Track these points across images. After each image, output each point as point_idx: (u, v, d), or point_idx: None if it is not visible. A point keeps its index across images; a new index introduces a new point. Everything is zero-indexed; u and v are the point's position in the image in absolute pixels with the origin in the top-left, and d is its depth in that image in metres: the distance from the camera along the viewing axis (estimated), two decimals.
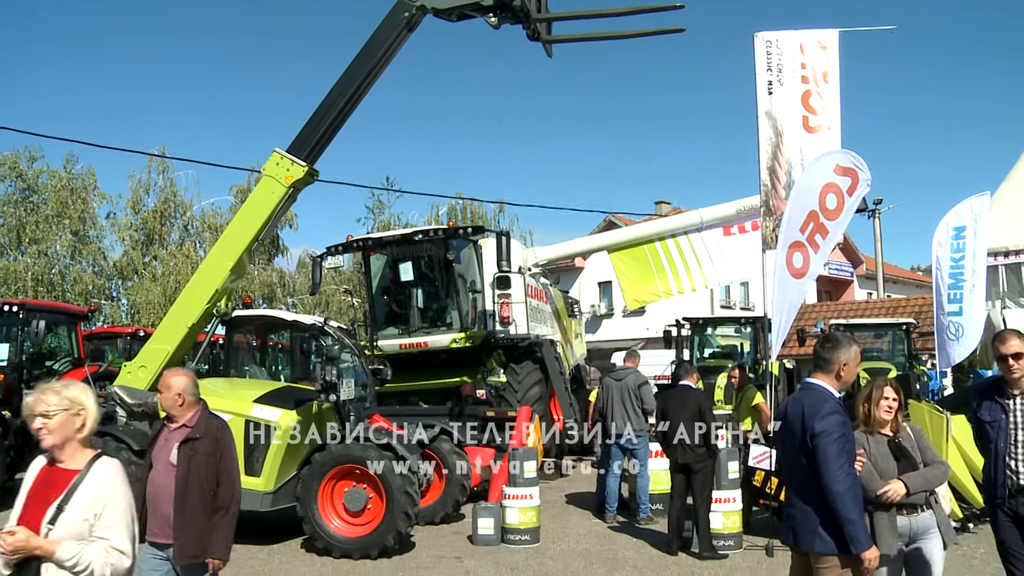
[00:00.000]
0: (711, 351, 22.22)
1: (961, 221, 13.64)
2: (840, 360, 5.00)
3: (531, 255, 18.90)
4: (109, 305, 35.13)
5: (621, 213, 37.61)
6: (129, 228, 35.33)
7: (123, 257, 35.12)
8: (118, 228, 35.65)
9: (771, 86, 11.58)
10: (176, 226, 36.28)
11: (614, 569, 9.08)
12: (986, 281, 13.89)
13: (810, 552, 4.85)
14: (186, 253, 34.03)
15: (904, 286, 50.10)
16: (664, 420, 9.98)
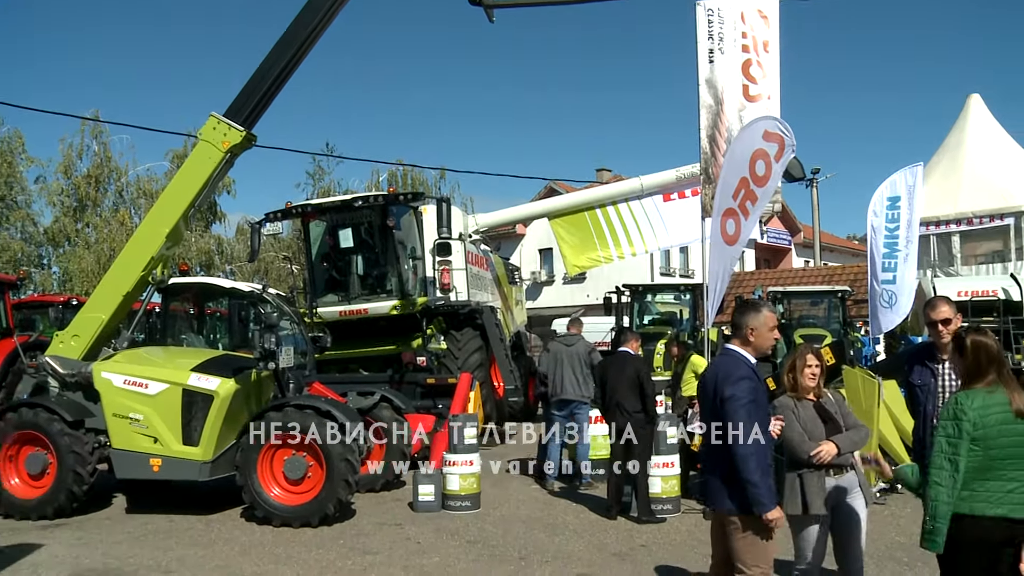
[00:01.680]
0: (651, 318, 22.45)
1: (896, 192, 13.90)
2: (748, 324, 5.05)
3: (472, 222, 18.88)
4: (39, 273, 34.37)
5: (562, 180, 37.73)
6: (60, 194, 34.51)
7: (54, 224, 34.34)
8: (48, 193, 34.81)
9: (712, 54, 11.65)
10: (110, 192, 35.55)
11: (554, 534, 9.17)
12: (918, 250, 14.19)
13: (718, 510, 5.02)
14: (120, 220, 33.36)
15: (840, 254, 51.10)
16: (603, 386, 10.09)
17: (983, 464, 4.41)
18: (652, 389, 10.05)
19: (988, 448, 4.40)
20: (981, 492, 4.39)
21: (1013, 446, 4.42)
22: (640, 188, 17.99)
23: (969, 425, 4.39)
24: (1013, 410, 4.42)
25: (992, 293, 21.92)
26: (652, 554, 8.30)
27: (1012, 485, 4.41)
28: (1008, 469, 4.42)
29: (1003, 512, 4.39)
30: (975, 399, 4.46)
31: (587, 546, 8.67)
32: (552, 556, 8.28)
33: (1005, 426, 4.41)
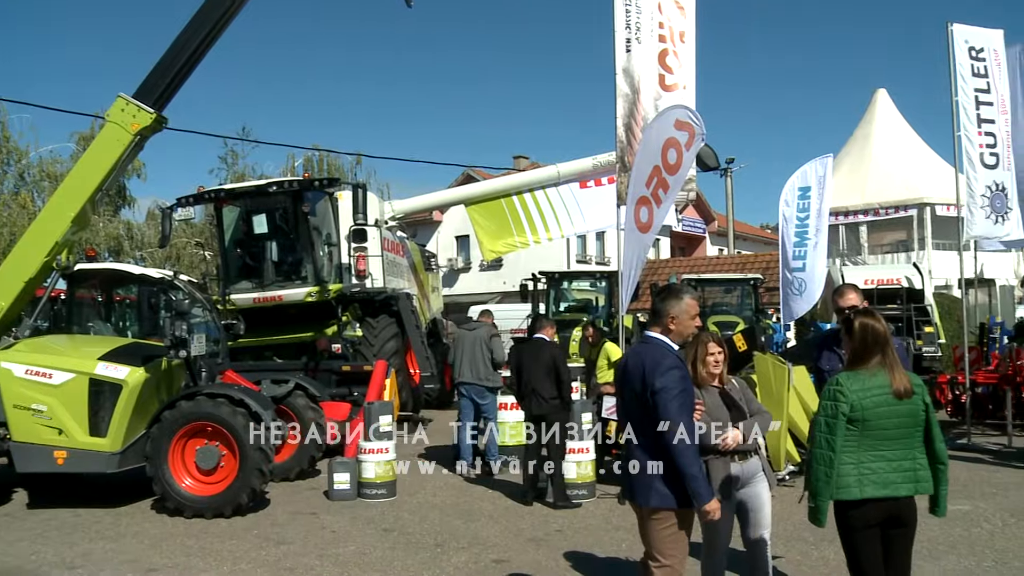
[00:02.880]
0: (567, 305, 22.58)
1: (806, 182, 14.23)
2: (669, 312, 4.97)
3: (388, 208, 18.76)
4: None
5: (480, 167, 37.70)
6: None
7: None
8: None
9: (629, 44, 11.72)
10: (10, 174, 34.23)
11: (470, 520, 9.20)
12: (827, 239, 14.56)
13: (644, 507, 4.89)
14: (22, 203, 32.15)
15: (753, 243, 52.12)
16: (518, 372, 10.13)
17: (866, 445, 4.58)
18: (568, 375, 10.14)
19: (868, 430, 4.56)
20: (868, 475, 4.57)
21: (893, 427, 4.60)
22: (557, 176, 18.07)
23: (846, 407, 4.54)
24: (892, 391, 4.58)
25: (896, 281, 22.58)
26: (567, 539, 8.37)
27: (893, 465, 4.60)
28: (887, 450, 4.60)
29: (888, 493, 4.59)
30: (854, 381, 4.61)
31: (503, 532, 8.72)
32: (468, 542, 8.31)
33: (885, 408, 4.58)
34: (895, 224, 34.21)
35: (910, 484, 4.63)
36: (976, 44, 14.11)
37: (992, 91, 14.09)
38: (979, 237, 14.33)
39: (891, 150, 35.00)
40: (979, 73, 14.03)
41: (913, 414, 4.65)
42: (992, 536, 8.23)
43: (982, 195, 13.76)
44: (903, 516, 4.68)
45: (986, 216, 13.79)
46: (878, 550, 4.68)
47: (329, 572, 7.43)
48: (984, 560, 7.45)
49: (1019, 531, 8.42)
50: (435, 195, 22.12)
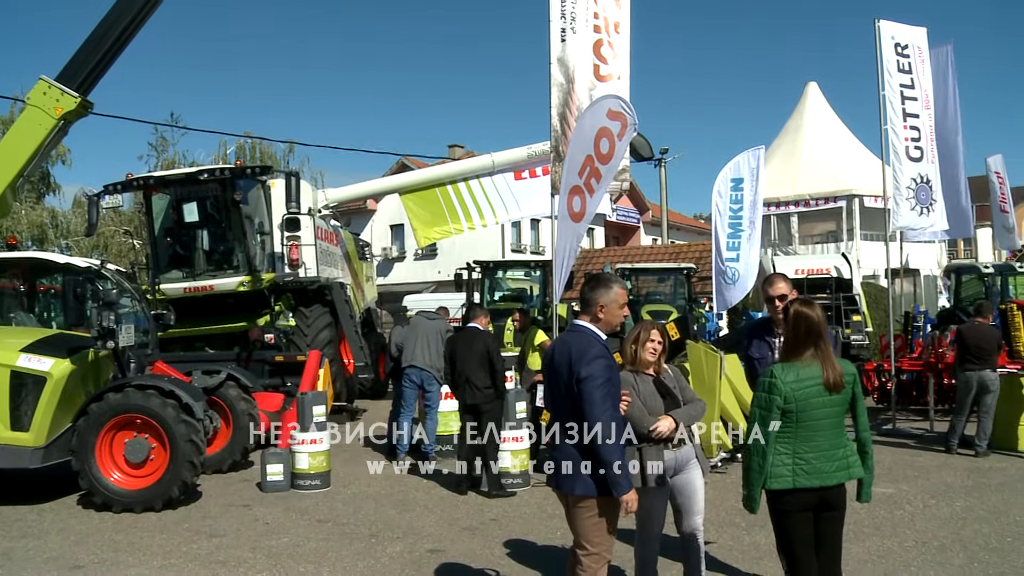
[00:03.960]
0: (501, 294, 22.59)
1: (739, 173, 14.40)
2: (598, 301, 4.96)
3: (321, 196, 18.57)
4: None
5: (414, 156, 37.48)
6: None
7: None
8: None
9: (564, 33, 11.73)
10: None
11: (404, 510, 9.17)
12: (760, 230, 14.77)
13: (569, 495, 4.91)
14: None
15: (687, 233, 52.70)
16: (452, 362, 10.12)
17: (800, 436, 4.68)
18: (502, 364, 10.16)
19: (802, 420, 4.67)
20: (801, 465, 4.68)
21: (825, 417, 4.71)
22: (492, 165, 18.04)
23: (779, 398, 4.63)
24: (824, 383, 4.68)
25: (826, 271, 23.01)
26: (502, 528, 8.41)
27: (827, 454, 4.71)
28: (821, 439, 4.71)
29: (821, 482, 4.71)
30: (788, 372, 4.71)
31: (438, 521, 8.71)
32: (403, 533, 8.29)
33: (817, 399, 4.69)
34: (825, 215, 34.80)
35: (842, 472, 4.75)
36: (902, 41, 14.45)
37: (916, 86, 14.44)
38: (905, 228, 14.66)
39: (822, 142, 35.58)
40: (904, 69, 14.36)
41: (844, 403, 4.77)
42: (913, 517, 8.46)
43: (907, 187, 14.09)
44: (833, 501, 4.80)
45: (911, 208, 14.13)
46: (810, 533, 4.79)
47: (262, 564, 7.35)
48: (906, 541, 7.67)
49: (939, 512, 8.67)
50: (369, 184, 21.94)
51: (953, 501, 9.14)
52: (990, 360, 11.76)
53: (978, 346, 11.72)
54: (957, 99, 16.21)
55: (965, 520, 8.38)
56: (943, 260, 36.51)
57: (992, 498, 9.30)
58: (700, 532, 5.98)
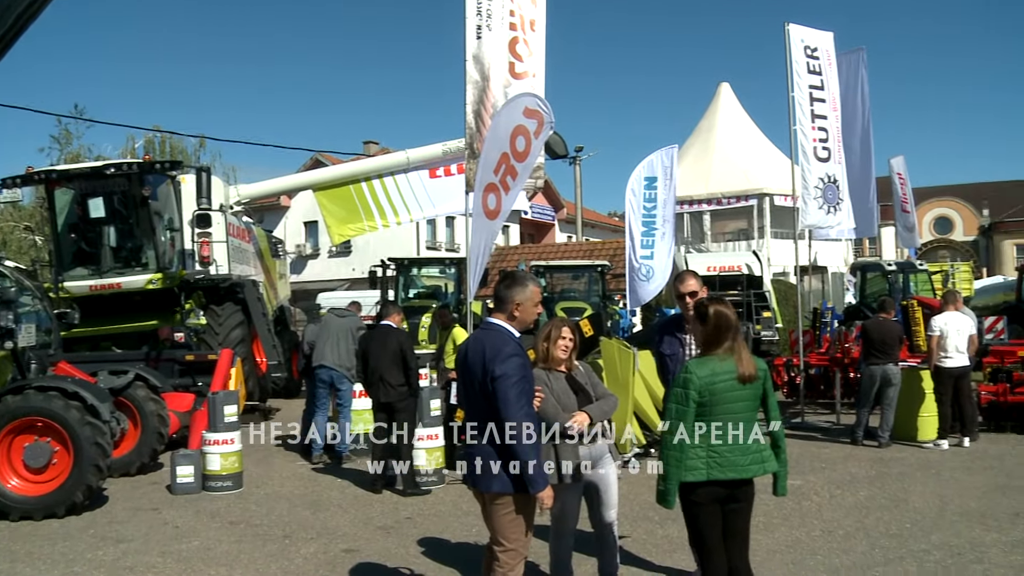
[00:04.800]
0: (416, 291, 22.48)
1: (652, 172, 14.56)
2: (513, 299, 4.96)
3: (233, 192, 18.28)
4: None
5: (329, 152, 37.15)
6: None
7: None
8: None
9: (480, 31, 11.73)
10: None
11: (318, 510, 9.07)
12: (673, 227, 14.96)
13: (486, 492, 4.91)
14: None
15: (601, 230, 53.20)
16: (365, 360, 10.03)
17: (713, 428, 4.78)
18: (415, 362, 10.12)
19: (716, 414, 4.77)
20: (715, 458, 4.77)
21: (738, 411, 4.81)
22: (406, 161, 17.95)
23: (695, 392, 4.72)
24: (738, 376, 4.78)
25: (737, 268, 23.48)
26: (417, 526, 8.37)
27: (741, 447, 4.82)
28: (734, 432, 4.82)
29: (735, 475, 4.82)
30: (703, 367, 4.80)
31: (352, 521, 8.63)
32: (317, 533, 8.19)
33: (732, 392, 4.80)
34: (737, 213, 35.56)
35: (757, 465, 4.85)
36: (811, 44, 14.81)
37: (825, 88, 14.81)
38: (813, 226, 15.01)
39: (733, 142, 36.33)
40: (814, 71, 14.72)
41: (756, 397, 4.89)
42: (820, 508, 8.68)
43: (815, 187, 14.44)
44: (743, 493, 4.90)
45: (819, 207, 14.48)
46: (719, 524, 4.89)
47: (172, 569, 7.18)
48: (813, 530, 7.87)
49: (844, 502, 8.92)
50: (283, 180, 21.64)
51: (857, 491, 9.41)
52: (893, 354, 12.13)
53: (882, 341, 12.07)
54: (867, 103, 16.68)
55: (868, 508, 8.63)
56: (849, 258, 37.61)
57: (893, 487, 9.61)
58: (614, 526, 6.03)
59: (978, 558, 7.02)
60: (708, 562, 4.92)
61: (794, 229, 15.72)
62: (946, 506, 8.70)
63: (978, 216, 66.38)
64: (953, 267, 37.21)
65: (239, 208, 18.34)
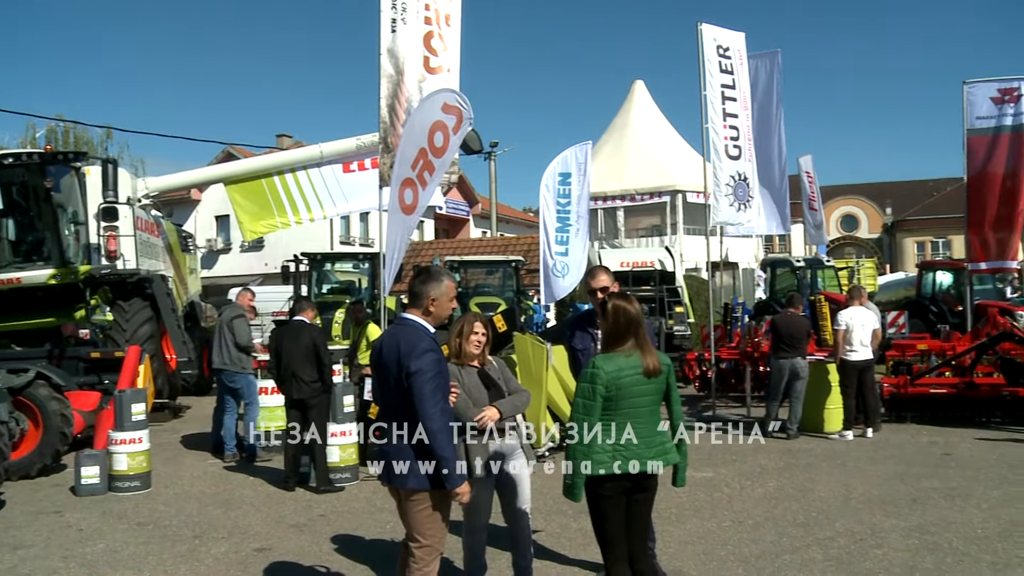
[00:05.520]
0: (329, 287, 22.25)
1: (567, 168, 14.62)
2: (428, 294, 4.95)
3: (141, 185, 17.81)
4: None
5: (241, 145, 36.50)
6: None
7: None
8: None
9: (395, 24, 11.65)
10: None
11: (229, 509, 8.91)
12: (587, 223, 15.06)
13: (401, 489, 4.88)
14: None
15: (516, 225, 53.34)
16: (278, 356, 9.89)
17: (619, 423, 4.83)
18: (329, 358, 10.02)
19: (622, 407, 4.83)
20: (622, 451, 4.83)
21: (643, 404, 4.89)
22: (320, 155, 17.71)
23: (602, 387, 4.78)
24: (643, 370, 4.85)
25: (650, 264, 23.77)
26: (331, 523, 8.29)
27: (646, 440, 4.89)
28: (641, 426, 4.89)
29: (641, 467, 4.87)
30: (610, 362, 4.86)
31: (264, 520, 8.50)
32: (228, 532, 8.04)
33: (637, 386, 4.86)
34: (650, 209, 35.99)
35: (660, 457, 4.92)
36: (723, 43, 15.07)
37: (736, 88, 15.09)
38: (724, 223, 15.28)
39: (647, 139, 36.75)
40: (726, 70, 14.98)
41: (660, 391, 4.97)
42: (731, 499, 8.85)
43: (727, 184, 14.70)
44: (647, 483, 4.98)
45: (730, 204, 14.74)
46: (622, 515, 4.96)
47: (75, 574, 6.96)
48: (724, 521, 8.02)
49: (753, 493, 9.11)
50: (193, 173, 21.18)
51: (767, 482, 9.62)
52: (801, 348, 12.43)
53: (790, 335, 12.35)
54: (779, 103, 17.07)
55: (777, 499, 8.83)
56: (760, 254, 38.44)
57: (800, 477, 9.85)
58: (527, 521, 6.05)
59: (879, 543, 7.27)
60: (609, 550, 4.99)
61: (706, 226, 15.97)
62: (850, 494, 8.97)
63: (882, 214, 68.53)
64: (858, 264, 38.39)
65: (147, 201, 17.90)
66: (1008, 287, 25.66)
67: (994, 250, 16.41)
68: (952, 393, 13.19)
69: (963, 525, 7.77)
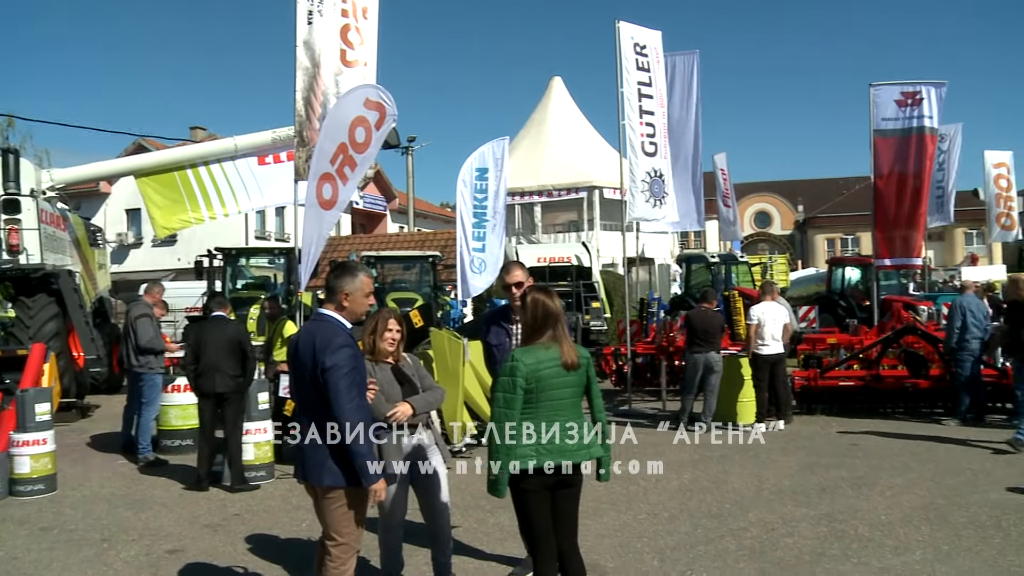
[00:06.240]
0: (244, 282, 21.89)
1: (484, 163, 14.61)
2: (343, 289, 4.92)
3: (47, 177, 17.28)
4: None
5: (153, 137, 35.72)
6: None
7: None
8: None
9: (311, 16, 11.53)
10: None
11: (140, 511, 8.69)
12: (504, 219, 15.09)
13: (318, 486, 4.84)
14: None
15: (433, 221, 53.25)
16: (198, 351, 9.66)
17: (542, 416, 4.84)
18: (253, 352, 9.88)
19: (543, 400, 4.84)
20: (544, 445, 4.84)
21: (564, 397, 4.91)
22: (234, 149, 17.41)
23: (522, 380, 4.78)
24: (562, 363, 4.87)
25: (567, 259, 23.93)
26: (246, 523, 8.15)
27: (568, 433, 4.91)
28: (561, 419, 4.91)
29: (561, 460, 4.88)
30: (529, 355, 4.86)
31: (177, 520, 8.31)
32: (139, 534, 7.84)
33: (557, 379, 4.88)
34: (567, 205, 36.19)
35: (583, 451, 4.93)
36: (640, 41, 15.23)
37: (653, 85, 15.26)
38: (640, 219, 15.44)
39: (565, 135, 36.96)
40: (642, 68, 15.14)
41: (580, 384, 4.98)
42: (647, 492, 8.96)
43: (643, 180, 14.86)
44: (571, 478, 4.98)
45: (646, 200, 14.91)
46: (547, 510, 4.96)
47: None
48: (640, 514, 8.12)
49: (669, 485, 9.23)
50: (102, 165, 20.61)
51: (682, 474, 9.75)
52: (715, 343, 12.64)
53: (704, 330, 12.55)
54: (698, 102, 17.34)
55: (692, 491, 8.97)
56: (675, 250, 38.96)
57: (714, 469, 10.03)
58: (447, 517, 6.03)
59: (789, 532, 7.44)
60: (537, 548, 4.98)
61: (622, 221, 16.12)
62: (763, 485, 9.16)
63: (794, 212, 70.22)
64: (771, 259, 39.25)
65: (53, 194, 17.38)
66: (912, 283, 26.55)
67: (899, 247, 16.92)
68: (859, 385, 13.58)
69: (868, 512, 8.02)
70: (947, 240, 61.32)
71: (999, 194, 27.30)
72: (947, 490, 8.80)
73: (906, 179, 16.62)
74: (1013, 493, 8.62)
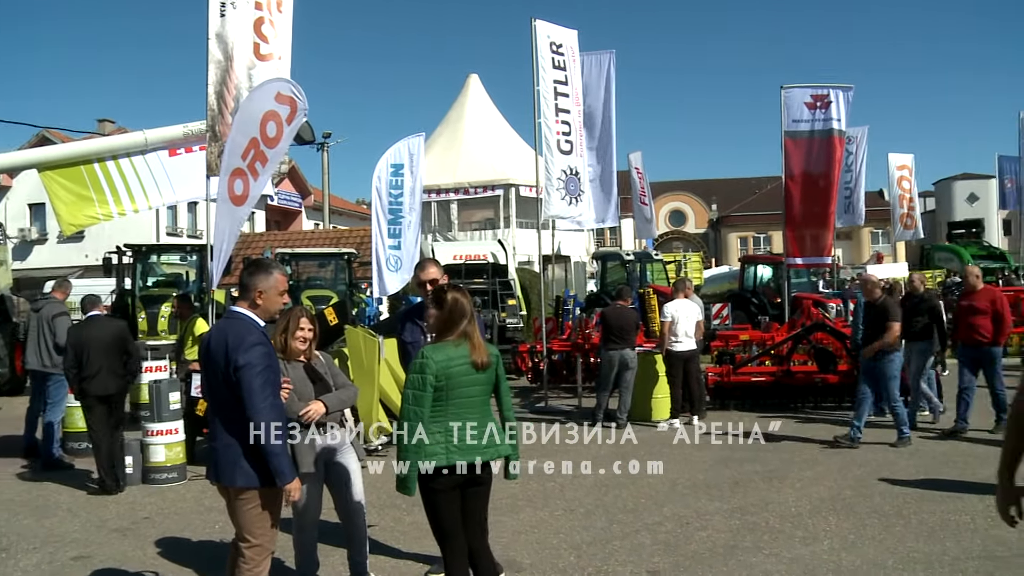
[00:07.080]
0: (155, 279, 21.39)
1: (399, 160, 14.56)
2: (257, 287, 4.86)
3: None
4: None
5: (58, 129, 34.69)
6: None
7: None
8: None
9: (224, 8, 11.33)
10: None
11: (44, 517, 8.43)
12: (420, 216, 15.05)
13: (230, 487, 4.78)
14: None
15: (349, 218, 52.77)
16: (82, 351, 9.36)
17: (451, 414, 4.86)
18: (137, 351, 9.69)
19: (453, 398, 4.86)
20: (453, 442, 4.84)
21: (474, 395, 4.94)
22: (144, 143, 16.96)
23: (432, 377, 4.79)
24: (472, 362, 4.89)
25: (484, 257, 23.94)
26: (156, 526, 7.97)
27: (477, 431, 4.93)
28: (471, 418, 4.93)
29: (470, 458, 4.90)
30: (439, 352, 4.87)
31: (83, 525, 8.09)
32: (42, 541, 7.59)
33: (467, 377, 4.89)
34: (483, 203, 36.19)
35: (492, 449, 4.96)
36: (556, 40, 15.32)
37: (569, 84, 15.37)
38: (555, 216, 15.54)
39: (481, 133, 36.95)
40: (559, 66, 15.23)
41: (490, 382, 5.03)
42: (563, 488, 9.02)
43: (558, 178, 14.95)
44: (481, 476, 5.01)
45: (561, 198, 15.01)
46: (457, 509, 4.97)
47: None
48: (556, 510, 8.18)
49: (584, 481, 9.30)
50: (2, 157, 19.91)
51: (597, 470, 9.83)
52: (630, 340, 12.78)
53: (619, 327, 12.68)
54: (613, 102, 17.52)
55: (607, 487, 9.06)
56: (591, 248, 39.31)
57: (629, 465, 10.11)
58: (363, 516, 6.00)
59: (703, 525, 7.58)
60: (447, 546, 4.99)
61: (538, 219, 16.20)
62: (677, 480, 9.30)
63: (708, 210, 71.51)
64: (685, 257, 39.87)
65: None
66: (821, 280, 27.26)
67: (809, 246, 17.34)
68: (771, 381, 13.86)
69: (779, 504, 8.22)
70: (855, 239, 63.16)
71: (902, 195, 28.25)
72: (853, 481, 9.06)
73: (816, 180, 17.03)
74: (914, 484, 8.92)
